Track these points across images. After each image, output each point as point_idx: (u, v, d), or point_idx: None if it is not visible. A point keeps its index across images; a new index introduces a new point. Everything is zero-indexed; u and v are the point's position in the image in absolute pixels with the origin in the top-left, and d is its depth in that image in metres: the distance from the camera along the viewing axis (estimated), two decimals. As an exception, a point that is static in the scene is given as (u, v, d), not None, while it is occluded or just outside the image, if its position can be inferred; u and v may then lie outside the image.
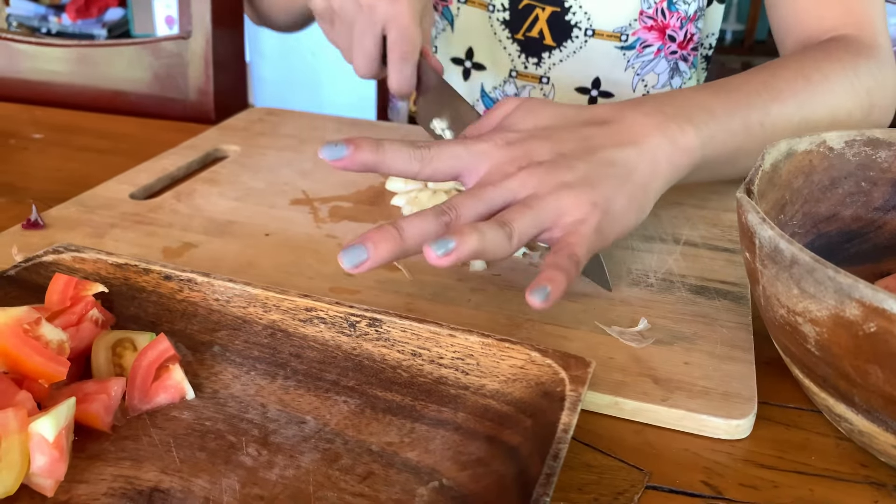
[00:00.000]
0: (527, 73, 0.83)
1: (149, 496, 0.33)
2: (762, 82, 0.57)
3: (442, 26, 0.86)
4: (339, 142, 0.43)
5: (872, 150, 0.46)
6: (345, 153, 0.43)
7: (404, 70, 0.62)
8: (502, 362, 0.38)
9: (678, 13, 0.78)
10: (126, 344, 0.40)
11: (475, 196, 0.43)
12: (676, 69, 0.82)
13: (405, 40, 0.62)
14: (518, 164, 0.45)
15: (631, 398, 0.40)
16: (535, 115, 0.49)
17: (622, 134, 0.48)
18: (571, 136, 0.47)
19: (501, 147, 0.46)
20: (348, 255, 0.39)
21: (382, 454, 0.36)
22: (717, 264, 0.53)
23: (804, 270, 0.33)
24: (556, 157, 0.46)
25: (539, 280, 0.40)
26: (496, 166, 0.45)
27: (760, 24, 3.93)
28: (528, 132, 0.47)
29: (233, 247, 0.54)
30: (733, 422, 0.38)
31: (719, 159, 0.53)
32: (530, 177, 0.44)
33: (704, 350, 0.44)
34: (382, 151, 0.44)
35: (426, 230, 0.41)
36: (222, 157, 0.71)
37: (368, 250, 0.39)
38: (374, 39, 0.63)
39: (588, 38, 0.80)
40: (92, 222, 0.56)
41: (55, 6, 2.80)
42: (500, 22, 0.82)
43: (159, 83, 0.89)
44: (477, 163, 0.45)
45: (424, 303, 0.47)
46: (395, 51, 0.62)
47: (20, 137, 0.76)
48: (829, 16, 0.69)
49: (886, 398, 0.32)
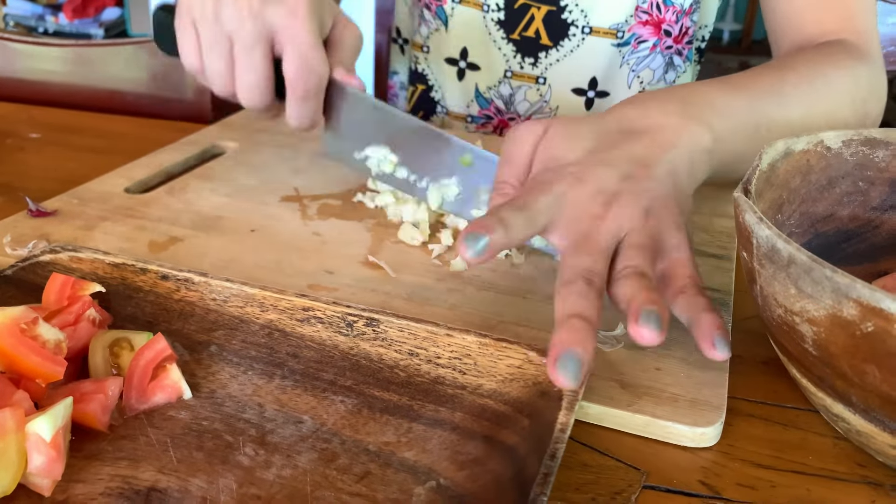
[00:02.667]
0: (522, 73, 0.83)
1: (146, 496, 0.33)
2: (769, 84, 0.57)
3: (435, 26, 0.85)
4: (476, 234, 0.39)
5: (870, 150, 0.46)
6: (485, 243, 0.39)
7: (307, 106, 0.54)
8: (499, 362, 0.38)
9: (673, 7, 0.78)
10: (123, 344, 0.40)
11: (591, 251, 0.40)
12: (671, 64, 0.82)
13: (308, 70, 0.52)
14: (598, 202, 0.43)
15: (595, 402, 0.39)
16: (575, 137, 0.47)
17: (661, 140, 0.47)
18: (623, 156, 0.45)
19: (574, 186, 0.43)
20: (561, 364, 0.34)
21: (380, 454, 0.36)
22: (704, 270, 0.52)
23: (801, 270, 0.33)
24: (622, 182, 0.43)
25: (705, 329, 0.37)
26: (581, 208, 0.43)
27: (758, 24, 3.94)
28: (584, 162, 0.45)
29: (217, 242, 0.54)
30: (699, 429, 0.38)
31: (724, 161, 0.53)
32: (620, 216, 0.42)
33: (678, 356, 0.43)
34: (507, 226, 0.40)
35: (594, 308, 0.37)
36: (220, 154, 0.71)
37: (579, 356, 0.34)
38: (263, 54, 0.52)
39: (585, 35, 0.80)
40: (84, 215, 0.56)
41: (52, 6, 2.80)
42: (495, 22, 0.82)
43: (156, 83, 0.89)
44: (561, 208, 0.43)
45: (401, 302, 0.47)
46: (296, 86, 0.53)
47: (17, 137, 0.76)
48: (827, 20, 0.69)
49: (884, 398, 0.32)
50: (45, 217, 0.56)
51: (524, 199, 0.42)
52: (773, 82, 0.58)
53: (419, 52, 0.88)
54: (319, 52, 0.53)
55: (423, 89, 0.90)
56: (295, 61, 0.52)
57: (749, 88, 0.56)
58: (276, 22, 0.51)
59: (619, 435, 0.39)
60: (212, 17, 0.52)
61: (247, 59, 0.52)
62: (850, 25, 0.68)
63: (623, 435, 0.39)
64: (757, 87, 0.56)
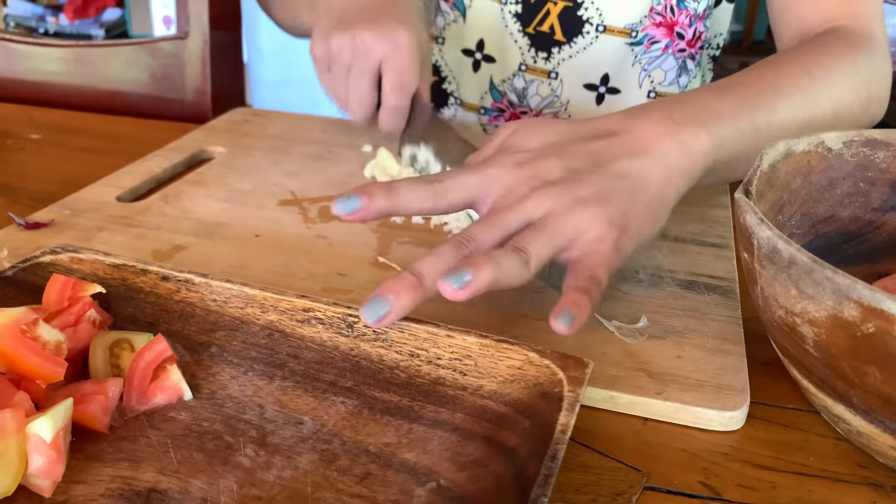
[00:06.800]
0: (536, 67, 0.83)
1: (146, 497, 0.33)
2: (767, 81, 0.57)
3: (453, 17, 0.86)
4: (351, 194, 0.42)
5: (871, 151, 0.46)
6: (359, 205, 0.42)
7: (397, 116, 0.64)
8: (500, 363, 0.38)
9: (687, 10, 0.78)
10: (124, 345, 0.40)
11: (491, 223, 0.42)
12: (684, 67, 0.82)
13: (401, 85, 0.63)
14: (530, 185, 0.44)
15: (625, 392, 0.40)
16: (540, 134, 0.48)
17: (632, 144, 0.47)
18: (580, 151, 0.46)
19: (511, 169, 0.45)
20: (370, 310, 0.38)
21: (380, 455, 0.36)
22: (705, 259, 0.53)
23: (802, 271, 0.33)
24: (567, 173, 0.45)
25: (562, 304, 0.39)
26: (508, 189, 0.44)
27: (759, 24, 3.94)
28: (536, 151, 0.46)
29: (223, 248, 0.54)
30: (727, 413, 0.39)
31: (729, 160, 0.52)
32: (544, 196, 0.43)
33: (696, 344, 0.44)
34: (396, 195, 0.42)
35: (446, 269, 0.39)
36: (208, 159, 0.70)
37: (390, 302, 0.38)
38: (370, 82, 0.64)
39: (599, 33, 0.80)
40: (79, 225, 0.56)
41: (53, 6, 2.79)
42: (512, 15, 0.82)
43: (157, 83, 0.89)
44: (489, 188, 0.44)
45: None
46: (389, 97, 0.63)
47: (17, 138, 0.76)
48: (826, 6, 0.69)
49: (884, 399, 0.32)
50: (39, 229, 0.55)
51: (443, 175, 0.45)
52: (770, 77, 0.58)
53: (434, 43, 0.89)
54: (413, 77, 0.63)
55: (436, 81, 0.90)
56: (392, 82, 0.63)
57: (745, 86, 0.56)
58: (381, 55, 0.62)
59: (620, 436, 0.39)
60: (337, 56, 0.64)
61: (356, 86, 0.64)
62: (849, 10, 0.69)
63: (624, 436, 0.39)
64: (753, 85, 0.56)
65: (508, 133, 0.49)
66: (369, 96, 0.65)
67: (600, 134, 0.48)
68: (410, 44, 0.62)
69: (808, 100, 0.57)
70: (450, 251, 0.40)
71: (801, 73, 0.59)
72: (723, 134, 0.51)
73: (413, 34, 0.63)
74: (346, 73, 0.65)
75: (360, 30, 0.62)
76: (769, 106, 0.55)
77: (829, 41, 0.65)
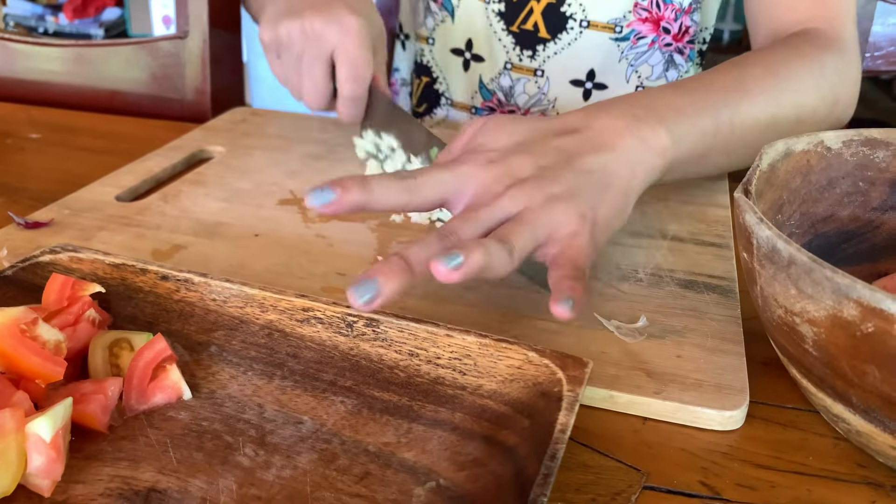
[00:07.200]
0: (521, 65, 0.83)
1: (146, 496, 0.33)
2: (732, 80, 0.58)
3: (441, 17, 0.86)
4: (325, 186, 0.42)
5: (870, 150, 0.46)
6: (332, 197, 0.42)
7: (355, 105, 0.64)
8: (499, 362, 0.38)
9: (672, 5, 0.79)
10: (123, 344, 0.40)
11: (470, 218, 0.43)
12: (672, 62, 0.82)
13: (355, 76, 0.63)
14: (504, 183, 0.45)
15: (625, 391, 0.40)
16: (507, 132, 0.48)
17: (596, 140, 0.48)
18: (547, 148, 0.47)
19: (484, 167, 0.45)
20: (359, 291, 0.38)
21: (379, 454, 0.36)
22: (705, 258, 0.53)
23: (802, 271, 0.33)
24: (538, 170, 0.45)
25: (560, 290, 0.39)
26: (483, 187, 0.45)
27: (758, 24, 3.93)
28: (505, 149, 0.47)
29: (223, 248, 0.54)
30: (727, 413, 0.39)
31: (690, 158, 0.53)
32: (519, 193, 0.44)
33: (695, 343, 0.44)
34: (370, 189, 0.43)
35: (432, 255, 0.40)
36: (207, 158, 0.70)
37: (380, 284, 0.38)
38: (323, 70, 0.63)
39: (583, 29, 0.80)
40: (78, 225, 0.56)
41: (52, 6, 2.79)
42: (496, 13, 0.82)
43: (156, 83, 0.89)
44: (463, 186, 0.45)
45: (417, 301, 0.47)
46: (345, 87, 0.63)
47: (17, 137, 0.76)
48: (800, 7, 0.70)
49: (884, 398, 0.32)
50: (39, 228, 0.55)
51: (417, 171, 0.45)
52: (736, 77, 0.58)
53: (424, 44, 0.89)
54: (366, 65, 0.63)
55: (428, 81, 0.90)
56: (346, 72, 0.63)
57: (709, 86, 0.57)
58: (332, 42, 0.62)
59: (620, 435, 0.39)
60: (286, 43, 0.64)
61: (309, 75, 0.64)
62: (822, 13, 0.69)
63: (623, 435, 0.39)
64: (717, 85, 0.57)
65: (476, 130, 0.49)
66: (323, 85, 0.64)
67: (565, 131, 0.49)
68: (360, 30, 0.62)
69: (772, 101, 0.58)
70: (434, 241, 0.41)
71: (766, 74, 0.59)
72: (683, 131, 0.51)
73: (363, 19, 0.62)
74: (297, 60, 0.64)
75: (310, 16, 0.62)
76: (733, 105, 0.56)
77: (798, 42, 0.66)
